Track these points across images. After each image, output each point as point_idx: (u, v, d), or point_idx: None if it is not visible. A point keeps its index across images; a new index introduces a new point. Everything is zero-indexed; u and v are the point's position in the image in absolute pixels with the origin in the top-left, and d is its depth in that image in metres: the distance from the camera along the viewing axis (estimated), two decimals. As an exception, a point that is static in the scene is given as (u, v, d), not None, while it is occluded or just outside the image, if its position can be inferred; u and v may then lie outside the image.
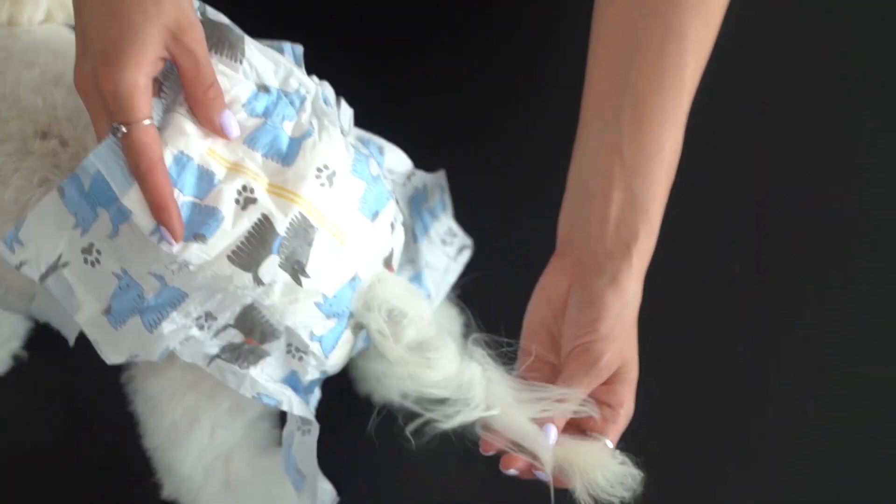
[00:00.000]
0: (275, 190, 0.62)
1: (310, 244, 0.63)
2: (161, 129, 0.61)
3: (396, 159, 0.75)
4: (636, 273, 0.70)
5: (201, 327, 0.65)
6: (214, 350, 0.66)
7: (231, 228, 0.61)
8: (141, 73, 0.59)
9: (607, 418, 0.70)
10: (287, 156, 0.63)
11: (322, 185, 0.63)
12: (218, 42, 0.63)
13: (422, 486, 0.85)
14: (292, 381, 0.69)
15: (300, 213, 0.62)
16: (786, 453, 0.87)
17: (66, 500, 0.86)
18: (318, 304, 0.64)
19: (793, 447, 0.88)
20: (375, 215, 0.66)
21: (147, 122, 0.60)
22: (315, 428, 0.69)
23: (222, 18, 0.65)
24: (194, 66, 0.61)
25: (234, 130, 0.63)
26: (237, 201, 0.62)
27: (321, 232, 0.63)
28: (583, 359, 0.68)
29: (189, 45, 0.61)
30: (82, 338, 0.89)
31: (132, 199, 0.61)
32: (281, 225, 0.62)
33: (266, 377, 0.67)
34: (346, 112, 0.68)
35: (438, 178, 0.81)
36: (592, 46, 0.74)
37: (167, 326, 0.64)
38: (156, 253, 0.62)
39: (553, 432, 0.67)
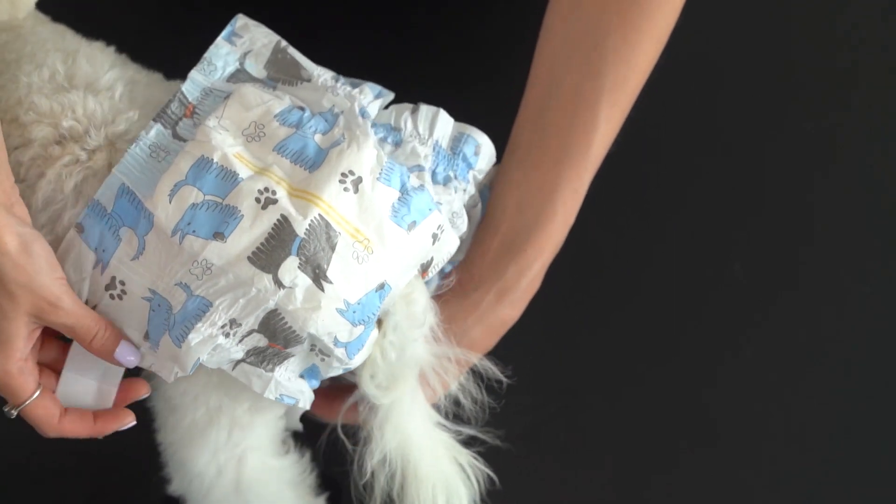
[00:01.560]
0: (297, 192, 0.63)
1: (332, 248, 0.63)
2: (188, 140, 0.64)
3: (488, 158, 0.74)
4: (484, 309, 0.73)
5: (227, 335, 0.65)
6: (239, 355, 0.66)
7: (250, 228, 0.62)
8: (12, 363, 0.63)
9: None
10: (314, 163, 0.64)
11: (346, 189, 0.63)
12: (281, 79, 0.67)
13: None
14: (311, 372, 0.70)
15: (320, 216, 0.62)
16: (787, 453, 0.87)
17: (66, 500, 0.86)
18: (340, 311, 0.64)
19: (794, 447, 0.88)
20: (412, 225, 0.66)
21: (34, 395, 0.65)
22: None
23: (296, 55, 0.68)
24: (71, 332, 0.65)
25: (132, 361, 0.66)
26: (257, 200, 0.62)
27: (343, 237, 0.63)
28: None
29: (56, 322, 0.64)
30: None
31: (154, 201, 0.63)
32: (300, 226, 0.62)
33: (289, 376, 0.68)
34: (429, 113, 0.69)
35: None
36: (528, 78, 0.76)
37: (194, 338, 0.65)
38: (181, 256, 0.63)
39: None
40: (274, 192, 0.62)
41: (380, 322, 0.69)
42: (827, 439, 0.88)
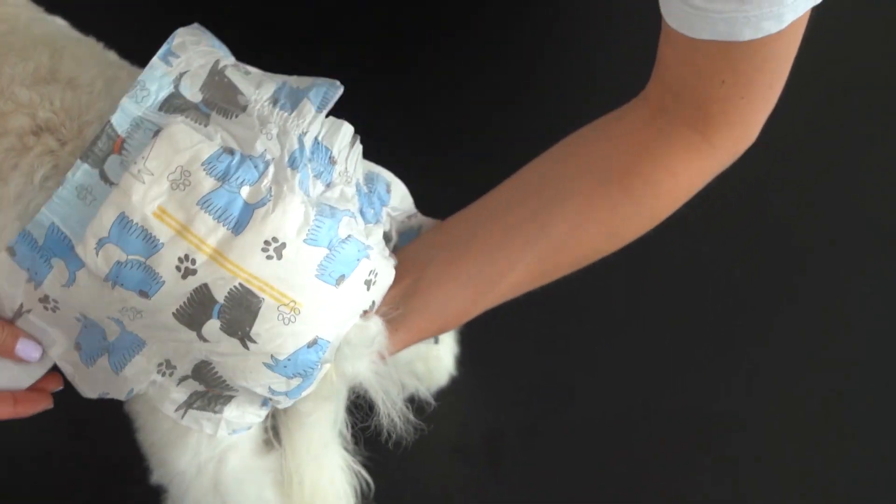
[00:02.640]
0: (219, 258, 0.62)
1: (254, 313, 0.63)
2: (114, 187, 0.62)
3: (401, 198, 0.74)
4: None
5: (162, 374, 0.66)
6: (183, 397, 0.68)
7: (173, 289, 0.62)
8: None
9: None
10: (238, 223, 0.62)
11: (269, 257, 0.62)
12: (216, 104, 0.65)
13: (422, 485, 0.85)
14: (265, 400, 0.70)
15: (240, 284, 0.62)
16: (788, 454, 0.87)
17: (66, 499, 0.86)
18: (268, 365, 0.65)
19: (795, 448, 0.88)
20: (341, 279, 0.64)
21: None
22: None
23: (233, 77, 0.66)
24: None
25: (33, 355, 0.68)
26: (178, 269, 0.62)
27: (268, 301, 0.62)
28: None
29: None
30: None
31: (84, 249, 0.62)
32: (220, 293, 0.62)
33: (240, 413, 0.69)
34: (357, 151, 0.68)
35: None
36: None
37: (129, 370, 0.66)
38: (111, 297, 0.64)
39: None
40: (193, 261, 0.62)
41: None
42: (830, 441, 0.88)
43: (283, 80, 0.67)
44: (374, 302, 0.68)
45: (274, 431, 0.76)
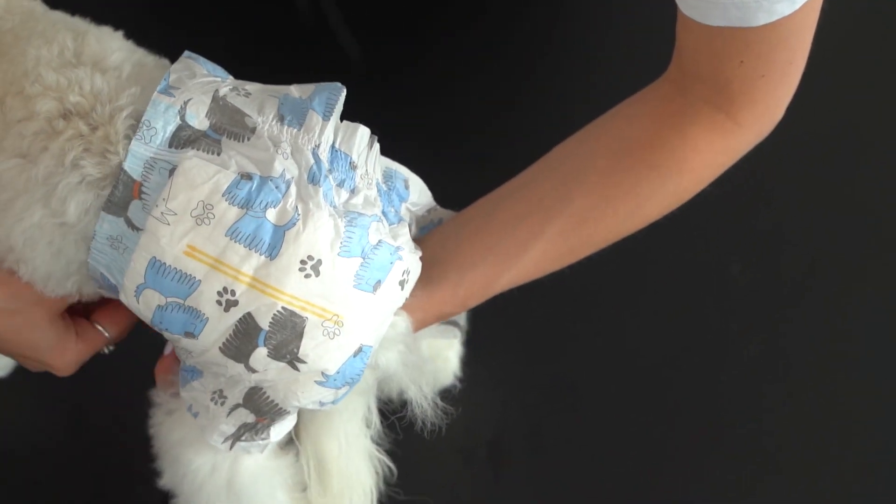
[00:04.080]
0: (258, 285, 0.62)
1: (300, 333, 0.63)
2: (141, 232, 0.63)
3: (419, 192, 0.74)
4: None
5: (215, 402, 0.67)
6: (231, 429, 0.68)
7: (217, 324, 0.63)
8: (70, 354, 0.73)
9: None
10: (271, 247, 0.62)
11: (307, 276, 0.62)
12: (226, 129, 0.64)
13: (425, 488, 0.84)
14: None
15: (283, 308, 0.62)
16: (788, 453, 0.87)
17: (66, 500, 0.86)
18: (319, 382, 0.65)
19: (795, 446, 0.88)
20: (377, 284, 0.65)
21: (108, 346, 0.75)
22: None
23: (236, 102, 0.65)
24: None
25: None
26: (219, 303, 0.62)
27: (312, 319, 0.63)
28: None
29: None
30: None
31: (126, 297, 0.64)
32: (264, 320, 0.62)
33: (283, 429, 0.71)
34: (375, 151, 0.68)
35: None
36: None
37: (185, 393, 0.69)
38: (165, 336, 0.66)
39: None
40: (233, 293, 0.62)
41: None
42: (828, 439, 0.88)
43: (283, 92, 0.66)
44: (406, 298, 0.69)
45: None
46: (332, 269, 0.63)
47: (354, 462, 0.77)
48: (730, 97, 0.68)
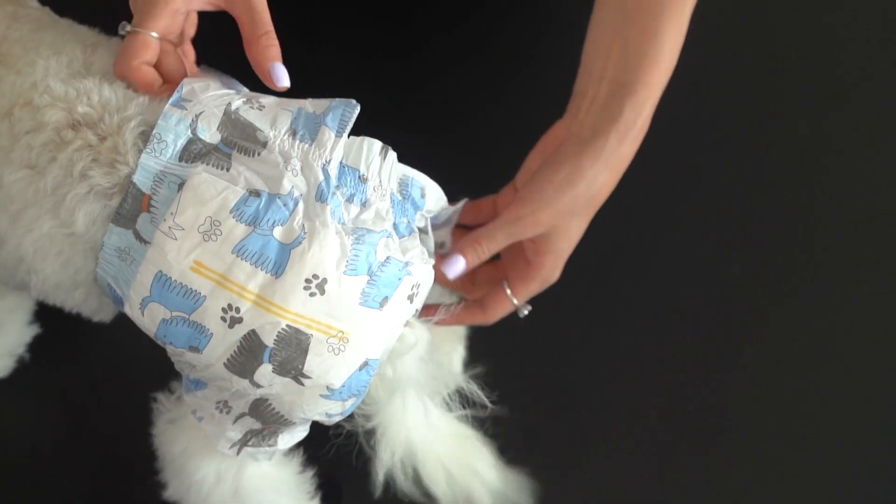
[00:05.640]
0: (262, 303, 0.62)
1: (304, 350, 0.63)
2: (148, 245, 0.63)
3: (436, 200, 0.73)
4: (608, 153, 0.74)
5: (220, 411, 0.67)
6: (238, 435, 0.68)
7: (222, 340, 0.63)
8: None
9: (521, 275, 0.77)
10: (277, 265, 0.62)
11: (312, 294, 0.62)
12: (236, 143, 0.64)
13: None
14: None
15: (288, 326, 0.62)
16: (788, 452, 0.87)
17: (66, 500, 0.86)
18: (324, 396, 0.65)
19: (795, 446, 0.88)
20: (384, 301, 0.65)
21: (153, 34, 0.66)
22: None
23: (248, 116, 0.66)
24: (248, 13, 0.67)
25: (284, 81, 0.67)
26: (223, 319, 0.62)
27: (316, 336, 0.63)
28: (514, 211, 0.75)
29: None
30: (80, 337, 0.89)
31: (130, 309, 0.64)
32: (268, 337, 0.62)
33: (292, 438, 0.71)
34: (389, 161, 0.67)
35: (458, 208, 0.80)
36: None
37: (189, 398, 0.69)
38: (168, 349, 0.65)
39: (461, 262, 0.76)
40: (238, 310, 0.62)
41: None
42: (828, 439, 0.88)
43: (297, 106, 0.66)
44: (416, 310, 0.69)
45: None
46: (338, 288, 0.62)
47: (447, 445, 0.76)
48: None
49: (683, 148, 0.88)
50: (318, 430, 0.78)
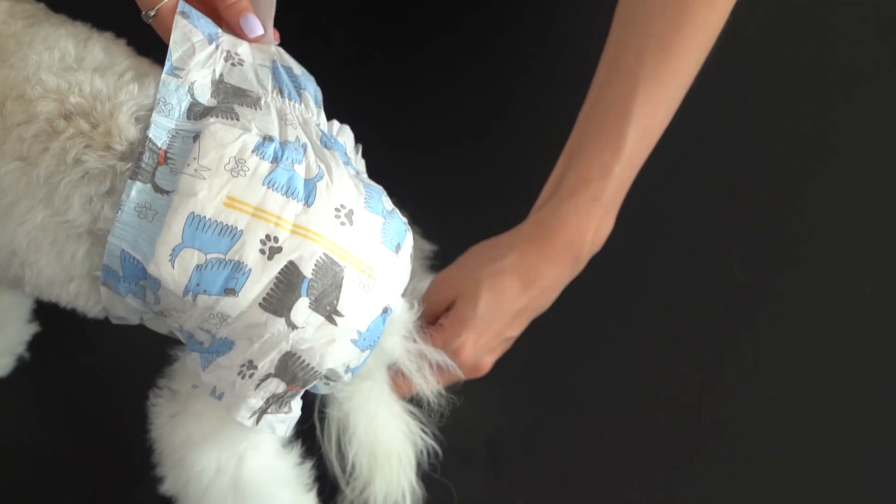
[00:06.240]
0: (300, 231, 0.63)
1: (339, 285, 0.64)
2: (172, 193, 0.63)
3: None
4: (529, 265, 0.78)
5: (243, 376, 0.66)
6: (259, 402, 0.68)
7: (260, 277, 0.63)
8: None
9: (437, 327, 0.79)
10: (306, 195, 0.64)
11: (342, 223, 0.64)
12: (234, 100, 0.67)
13: (424, 489, 0.84)
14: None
15: (325, 254, 0.63)
16: (789, 452, 0.87)
17: (66, 500, 0.86)
18: (354, 341, 0.66)
19: (796, 446, 0.88)
20: (398, 247, 0.68)
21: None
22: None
23: (233, 82, 0.68)
24: None
25: (257, 30, 0.69)
26: (262, 252, 0.63)
27: (349, 270, 0.64)
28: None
29: None
30: (80, 335, 0.89)
31: (157, 266, 0.63)
32: (307, 267, 0.63)
33: (299, 403, 0.70)
34: (359, 152, 0.72)
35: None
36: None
37: (208, 376, 0.68)
38: (196, 309, 0.64)
39: None
40: (276, 239, 0.63)
41: None
42: (828, 439, 0.88)
43: (270, 58, 0.69)
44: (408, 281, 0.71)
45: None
46: (362, 220, 0.65)
47: (383, 445, 0.78)
48: None
49: (683, 148, 0.88)
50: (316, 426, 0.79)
